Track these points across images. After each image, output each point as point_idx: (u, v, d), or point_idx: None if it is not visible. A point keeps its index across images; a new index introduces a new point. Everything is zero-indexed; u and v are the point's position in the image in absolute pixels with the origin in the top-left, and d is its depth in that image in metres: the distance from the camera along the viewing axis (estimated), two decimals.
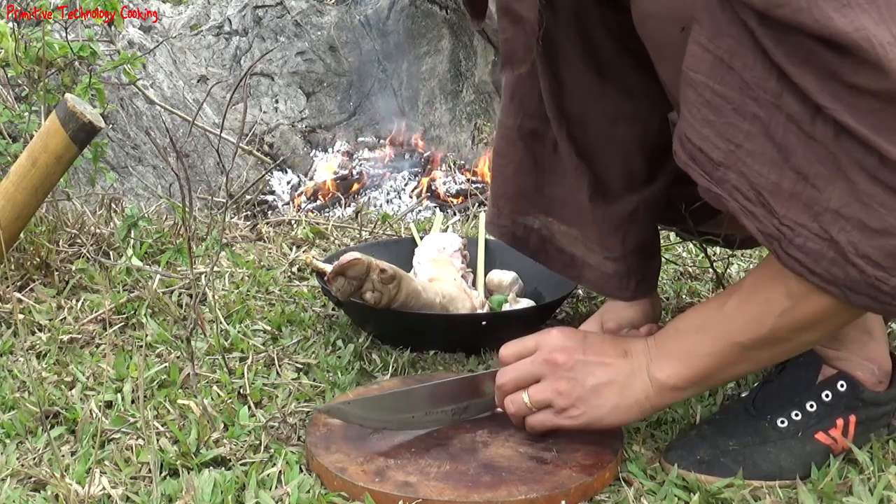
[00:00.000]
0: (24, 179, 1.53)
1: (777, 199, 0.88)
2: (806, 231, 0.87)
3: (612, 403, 1.05)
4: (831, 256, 0.87)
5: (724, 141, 0.88)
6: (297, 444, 1.15)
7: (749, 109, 0.86)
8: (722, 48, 0.86)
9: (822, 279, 0.88)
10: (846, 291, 0.88)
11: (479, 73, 4.28)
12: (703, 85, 0.88)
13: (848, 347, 1.11)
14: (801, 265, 0.89)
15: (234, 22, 4.40)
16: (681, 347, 1.03)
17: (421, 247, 1.74)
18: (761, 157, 0.87)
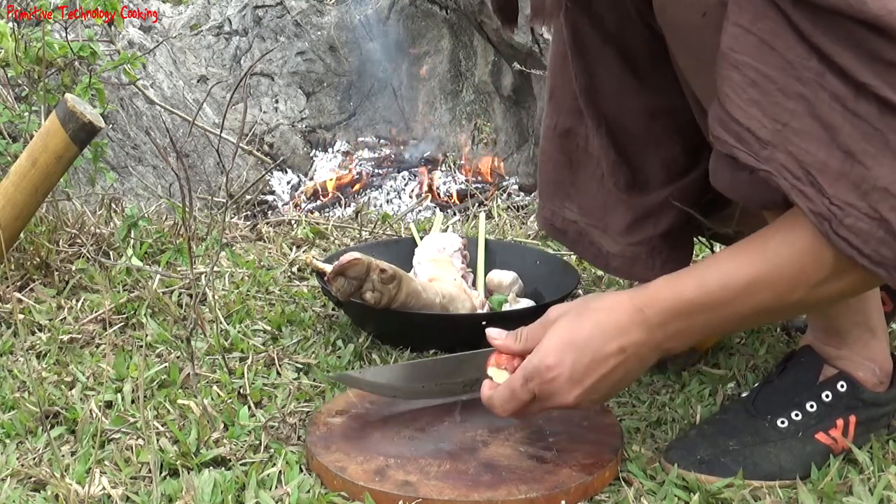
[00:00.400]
0: (24, 179, 1.53)
1: (826, 177, 0.87)
2: (855, 211, 0.86)
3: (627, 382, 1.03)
4: (881, 236, 0.86)
5: (771, 120, 0.88)
6: (297, 444, 1.15)
7: (793, 89, 0.86)
8: (763, 30, 0.87)
9: (871, 261, 0.88)
10: (893, 272, 0.88)
11: (479, 73, 4.28)
12: (747, 65, 0.88)
13: (850, 346, 1.11)
14: (850, 246, 0.88)
15: (234, 22, 4.40)
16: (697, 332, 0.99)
17: (421, 247, 1.74)
18: (808, 135, 0.87)
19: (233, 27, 4.40)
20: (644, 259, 1.23)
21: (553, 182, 1.30)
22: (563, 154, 1.26)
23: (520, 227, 2.22)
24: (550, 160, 1.29)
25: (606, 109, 1.18)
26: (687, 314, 0.97)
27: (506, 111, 4.22)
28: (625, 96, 1.17)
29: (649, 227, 1.22)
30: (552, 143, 1.27)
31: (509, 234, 2.14)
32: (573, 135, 1.24)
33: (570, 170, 1.27)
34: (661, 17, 0.99)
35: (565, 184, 1.28)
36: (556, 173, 1.29)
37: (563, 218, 1.30)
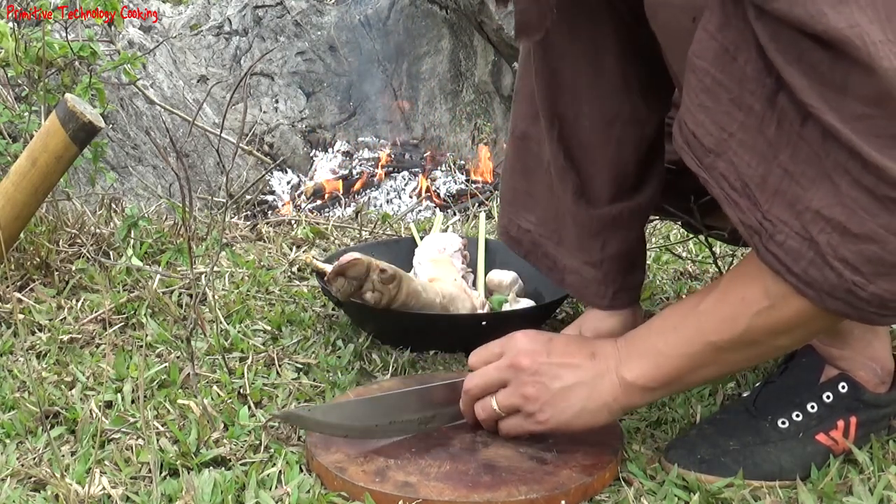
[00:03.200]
0: (24, 179, 1.53)
1: (762, 192, 0.87)
2: (787, 228, 0.87)
3: (580, 406, 1.04)
4: (810, 257, 0.86)
5: (718, 129, 0.88)
6: (297, 444, 1.15)
7: (746, 101, 0.86)
8: (728, 39, 0.86)
9: (799, 280, 0.88)
10: (822, 295, 0.88)
11: (479, 73, 4.28)
12: (704, 72, 0.88)
13: (852, 346, 1.11)
14: (779, 262, 0.88)
15: (234, 22, 4.40)
16: (651, 347, 1.02)
17: (421, 247, 1.74)
18: (752, 148, 0.87)
19: (233, 27, 4.40)
20: (595, 285, 1.22)
21: (511, 189, 1.28)
22: (519, 160, 1.25)
23: None
24: (508, 166, 1.28)
25: (563, 110, 1.17)
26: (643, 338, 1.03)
27: (506, 111, 4.22)
28: (585, 98, 1.15)
29: (597, 248, 1.20)
30: (510, 148, 1.26)
31: None
32: (528, 139, 1.22)
33: (524, 177, 1.25)
34: (653, 21, 0.99)
35: (520, 191, 1.26)
36: (513, 180, 1.27)
37: (518, 227, 1.28)
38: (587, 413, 1.04)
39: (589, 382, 1.04)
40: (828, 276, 0.86)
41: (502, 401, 1.07)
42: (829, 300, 0.88)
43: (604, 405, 1.04)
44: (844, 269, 0.85)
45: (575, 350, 1.06)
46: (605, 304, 1.23)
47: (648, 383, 1.02)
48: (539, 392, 1.05)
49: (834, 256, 0.85)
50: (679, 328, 1.00)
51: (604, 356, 1.04)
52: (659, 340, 1.01)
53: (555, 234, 1.24)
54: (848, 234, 0.84)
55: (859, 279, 0.85)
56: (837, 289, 0.86)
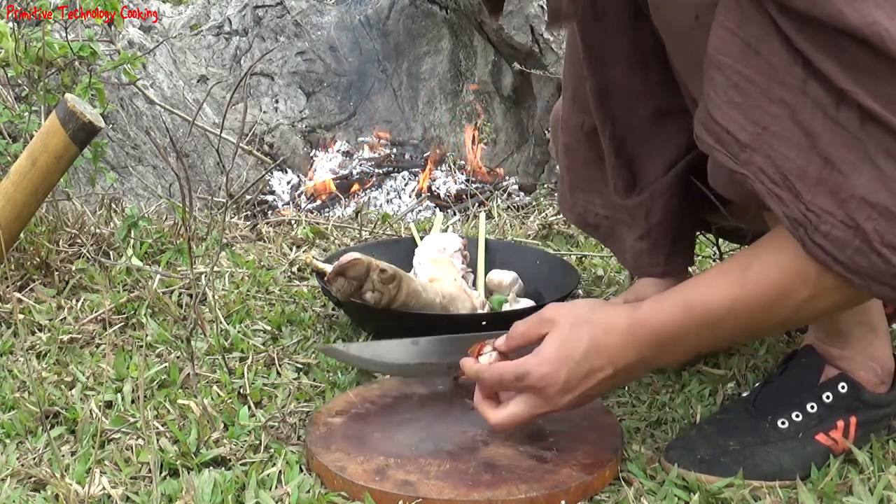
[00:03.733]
0: (24, 179, 1.53)
1: (804, 183, 0.87)
2: (832, 218, 0.86)
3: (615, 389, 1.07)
4: (856, 245, 0.86)
5: (752, 123, 0.88)
6: (297, 444, 1.15)
7: (776, 93, 0.86)
8: (749, 33, 0.86)
9: (846, 268, 0.87)
10: (868, 281, 0.87)
11: (479, 73, 4.28)
12: (730, 68, 0.88)
13: (852, 345, 1.11)
14: (825, 253, 0.87)
15: (234, 22, 4.40)
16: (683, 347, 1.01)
17: (421, 247, 1.74)
18: (788, 140, 0.86)
19: (233, 27, 4.40)
20: (648, 255, 1.23)
21: (585, 179, 1.31)
22: (593, 151, 1.27)
23: (520, 227, 2.22)
24: (580, 158, 1.30)
25: (615, 111, 1.18)
26: (674, 337, 1.00)
27: (506, 111, 4.22)
28: (633, 98, 1.17)
29: (642, 218, 1.21)
30: (581, 141, 1.28)
31: (509, 234, 2.14)
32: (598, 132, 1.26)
33: (600, 167, 1.28)
34: (655, 17, 0.99)
35: (595, 180, 1.29)
36: (586, 170, 1.29)
37: (595, 213, 1.31)
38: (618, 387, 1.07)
39: (620, 379, 1.05)
40: (875, 262, 0.86)
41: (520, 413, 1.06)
42: (876, 286, 0.88)
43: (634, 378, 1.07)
44: (892, 255, 0.85)
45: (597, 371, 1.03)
46: (661, 271, 1.23)
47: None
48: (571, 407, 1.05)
49: (881, 242, 0.85)
50: (714, 327, 0.98)
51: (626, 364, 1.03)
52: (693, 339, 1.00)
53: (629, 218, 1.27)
54: (895, 218, 0.84)
55: None
56: (885, 274, 0.86)
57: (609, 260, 1.92)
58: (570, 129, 1.29)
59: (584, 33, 1.15)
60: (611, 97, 1.18)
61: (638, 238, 1.23)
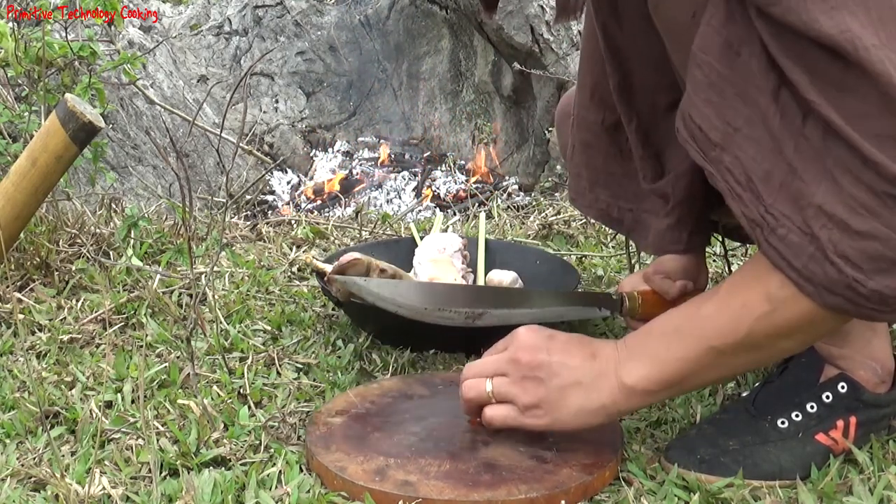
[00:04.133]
0: (24, 179, 1.53)
1: (766, 186, 0.88)
2: (789, 222, 0.87)
3: (577, 406, 1.03)
4: (811, 252, 0.87)
5: (724, 123, 0.90)
6: (297, 444, 1.15)
7: (751, 96, 0.87)
8: (732, 34, 0.88)
9: (799, 275, 0.88)
10: (822, 290, 0.88)
11: (479, 73, 4.28)
12: (709, 66, 0.89)
13: (852, 344, 1.11)
14: (780, 256, 0.89)
15: (234, 22, 4.40)
16: (652, 350, 1.02)
17: (421, 247, 1.74)
18: (757, 143, 0.88)
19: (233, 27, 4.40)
20: (671, 232, 1.24)
21: (606, 174, 1.32)
22: (615, 146, 1.28)
23: (520, 227, 2.22)
24: (600, 153, 1.31)
25: (639, 106, 1.20)
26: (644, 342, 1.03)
27: (506, 111, 4.22)
28: (654, 93, 1.19)
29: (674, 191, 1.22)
30: (601, 137, 1.30)
31: (509, 234, 2.14)
32: (622, 127, 1.27)
33: (621, 161, 1.29)
34: (655, 15, 1.01)
35: (618, 174, 1.30)
36: (607, 165, 1.31)
37: (619, 207, 1.32)
38: (584, 413, 1.04)
39: (587, 383, 1.03)
40: (828, 271, 0.87)
41: (497, 386, 1.06)
42: (829, 296, 0.88)
43: (601, 407, 1.03)
44: (845, 266, 0.86)
45: (575, 349, 1.06)
46: (682, 247, 1.24)
47: (648, 386, 1.01)
48: (536, 388, 1.04)
49: (835, 252, 0.86)
50: (680, 332, 1.00)
51: (604, 357, 1.04)
52: (660, 345, 1.01)
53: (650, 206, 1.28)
54: (849, 230, 0.85)
55: (860, 275, 0.85)
56: (837, 284, 0.87)
57: (609, 260, 1.92)
58: (590, 126, 1.30)
59: (605, 32, 1.17)
60: (634, 92, 1.19)
61: (663, 216, 1.24)
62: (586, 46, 1.28)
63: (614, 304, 1.32)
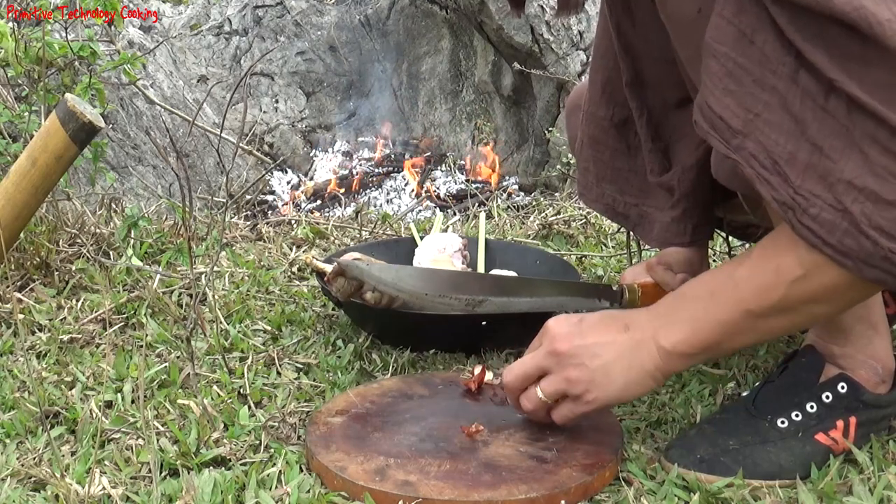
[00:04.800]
0: (24, 179, 1.53)
1: (793, 168, 0.89)
2: (820, 201, 0.88)
3: (623, 379, 1.04)
4: (845, 227, 0.87)
5: (744, 110, 0.90)
6: (297, 444, 1.15)
7: (768, 82, 0.88)
8: (745, 23, 0.89)
9: (835, 250, 0.89)
10: (859, 264, 0.89)
11: (479, 73, 4.28)
12: (725, 56, 0.90)
13: (853, 343, 1.11)
14: (815, 235, 0.89)
15: (234, 22, 4.40)
16: (689, 314, 1.02)
17: (421, 247, 1.74)
18: (779, 127, 0.89)
19: (233, 27, 4.40)
20: (676, 224, 1.25)
21: (613, 169, 1.33)
22: (623, 142, 1.30)
23: (520, 227, 2.22)
24: (608, 149, 1.32)
25: (650, 102, 1.22)
26: (679, 306, 1.04)
27: (506, 111, 4.22)
28: (664, 89, 1.20)
29: (680, 184, 1.24)
30: (609, 133, 1.31)
31: (509, 234, 2.14)
32: (630, 124, 1.28)
33: (628, 157, 1.31)
34: (662, 10, 1.02)
35: (624, 170, 1.32)
36: (614, 161, 1.32)
37: (624, 202, 1.34)
38: (632, 384, 1.05)
39: (627, 355, 1.04)
40: (864, 244, 0.87)
41: (547, 388, 1.07)
42: (867, 269, 0.89)
43: (646, 374, 1.04)
44: (880, 237, 0.86)
45: (608, 326, 1.07)
46: (686, 240, 1.26)
47: (687, 350, 1.02)
48: (581, 373, 1.05)
49: (869, 225, 0.86)
50: (716, 295, 1.01)
51: (638, 327, 1.05)
52: (697, 308, 1.02)
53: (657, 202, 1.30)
54: (881, 201, 0.85)
55: (895, 246, 0.86)
56: (874, 257, 0.87)
57: (609, 260, 1.92)
58: (598, 121, 1.31)
59: (618, 30, 1.19)
60: (645, 88, 1.21)
61: (668, 208, 1.25)
62: (599, 44, 1.29)
63: (614, 295, 1.32)
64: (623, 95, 1.25)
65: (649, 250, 1.82)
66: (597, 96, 1.31)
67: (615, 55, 1.23)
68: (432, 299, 1.14)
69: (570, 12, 1.10)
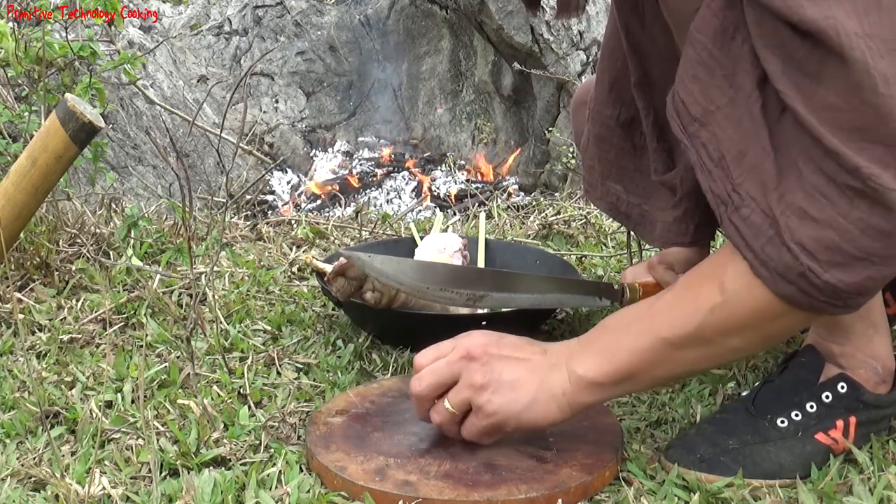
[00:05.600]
0: (24, 179, 1.53)
1: (737, 166, 0.90)
2: (754, 204, 0.89)
3: (529, 398, 1.02)
4: (770, 235, 0.88)
5: (707, 100, 0.92)
6: (297, 444, 1.15)
7: (738, 80, 0.89)
8: (729, 19, 0.89)
9: (756, 256, 0.90)
10: (776, 276, 0.89)
11: (479, 73, 4.28)
12: (702, 45, 0.91)
13: (853, 342, 1.11)
14: (740, 236, 0.90)
15: (234, 22, 4.40)
16: (604, 342, 1.02)
17: (421, 247, 1.74)
18: (736, 124, 0.90)
19: (233, 27, 4.40)
20: (677, 224, 1.25)
21: (617, 168, 1.33)
22: (628, 142, 1.30)
23: (520, 227, 2.22)
24: (613, 148, 1.32)
25: (657, 102, 1.22)
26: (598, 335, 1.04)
27: (506, 111, 4.22)
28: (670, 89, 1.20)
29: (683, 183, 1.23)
30: (615, 132, 1.31)
31: (509, 234, 2.14)
32: (637, 123, 1.28)
33: (633, 156, 1.31)
34: (664, 8, 1.03)
35: (629, 169, 1.32)
36: (619, 160, 1.32)
37: (628, 202, 1.34)
38: (536, 406, 1.02)
39: (539, 374, 1.03)
40: (784, 256, 0.88)
41: (453, 397, 1.04)
42: (782, 283, 0.89)
43: (552, 398, 1.02)
44: (801, 253, 0.87)
45: (526, 346, 1.06)
46: (688, 240, 1.26)
47: (599, 378, 1.01)
48: (488, 381, 1.02)
49: (791, 239, 0.87)
50: (633, 324, 1.01)
51: (555, 352, 1.05)
52: (612, 336, 1.02)
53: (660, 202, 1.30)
54: (807, 217, 0.86)
55: (814, 265, 0.87)
56: (791, 271, 0.88)
57: (609, 260, 1.92)
58: (604, 121, 1.31)
59: (626, 31, 1.19)
60: (653, 88, 1.22)
61: (670, 208, 1.25)
62: (607, 44, 1.30)
63: (615, 294, 1.32)
64: (630, 95, 1.26)
65: (649, 250, 1.82)
66: (604, 95, 1.31)
67: (623, 55, 1.24)
68: (433, 293, 1.14)
69: (570, 14, 1.10)
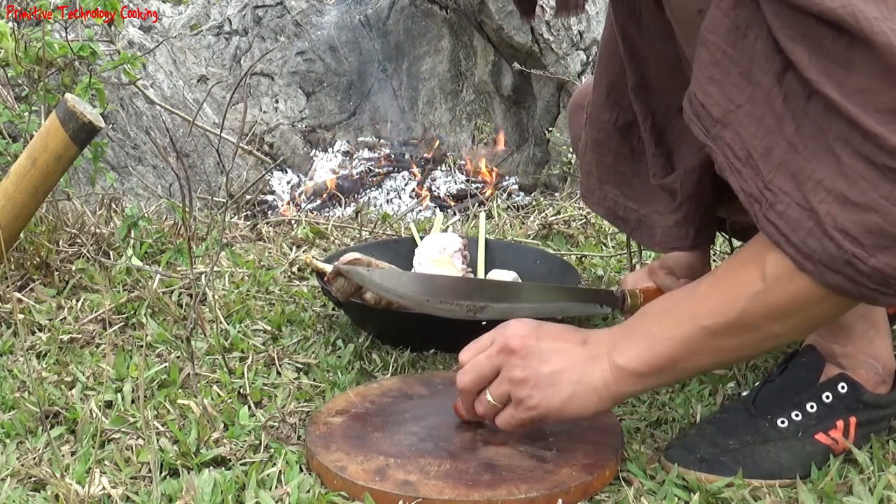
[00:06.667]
0: (24, 179, 1.53)
1: (766, 162, 0.89)
2: (788, 198, 0.88)
3: (569, 391, 1.01)
4: (809, 227, 0.86)
5: (727, 100, 0.91)
6: (297, 444, 1.15)
7: (755, 76, 0.89)
8: (740, 17, 0.89)
9: (797, 251, 0.88)
10: (821, 268, 0.87)
11: (479, 73, 4.28)
12: (715, 46, 0.91)
13: (854, 343, 1.11)
14: (778, 232, 0.89)
15: (234, 22, 4.40)
16: (644, 330, 1.01)
17: (421, 247, 1.74)
18: (759, 120, 0.89)
19: (233, 27, 4.40)
20: (677, 228, 1.24)
21: (615, 173, 1.33)
22: (626, 146, 1.30)
23: (520, 226, 2.22)
24: (611, 153, 1.32)
25: (654, 106, 1.22)
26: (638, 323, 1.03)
27: (506, 111, 4.22)
28: (669, 93, 1.20)
29: (683, 187, 1.23)
30: (613, 136, 1.31)
31: (509, 234, 2.14)
32: (634, 128, 1.28)
33: (631, 161, 1.30)
34: (668, 7, 1.03)
35: (627, 174, 1.31)
36: (617, 164, 1.32)
37: (625, 207, 1.33)
38: (577, 398, 1.02)
39: (579, 366, 1.02)
40: (827, 246, 0.86)
41: (494, 390, 1.05)
42: (829, 273, 0.87)
43: (593, 390, 1.01)
44: (844, 240, 0.85)
45: (566, 335, 1.05)
46: (689, 244, 1.24)
47: (640, 368, 1.00)
48: (527, 375, 1.02)
49: (833, 226, 0.85)
50: (673, 311, 1.00)
51: (595, 342, 1.04)
52: (653, 324, 1.00)
53: (658, 206, 1.29)
54: (848, 203, 0.84)
55: (859, 251, 0.84)
56: (836, 261, 0.86)
57: (609, 260, 1.92)
58: (602, 125, 1.31)
59: (623, 35, 1.19)
60: (650, 92, 1.21)
61: (670, 212, 1.24)
62: (605, 48, 1.29)
63: (616, 300, 1.32)
64: (627, 99, 1.25)
65: (649, 251, 1.82)
66: (601, 100, 1.31)
67: (620, 59, 1.23)
68: (433, 305, 1.13)
69: (570, 13, 1.10)
